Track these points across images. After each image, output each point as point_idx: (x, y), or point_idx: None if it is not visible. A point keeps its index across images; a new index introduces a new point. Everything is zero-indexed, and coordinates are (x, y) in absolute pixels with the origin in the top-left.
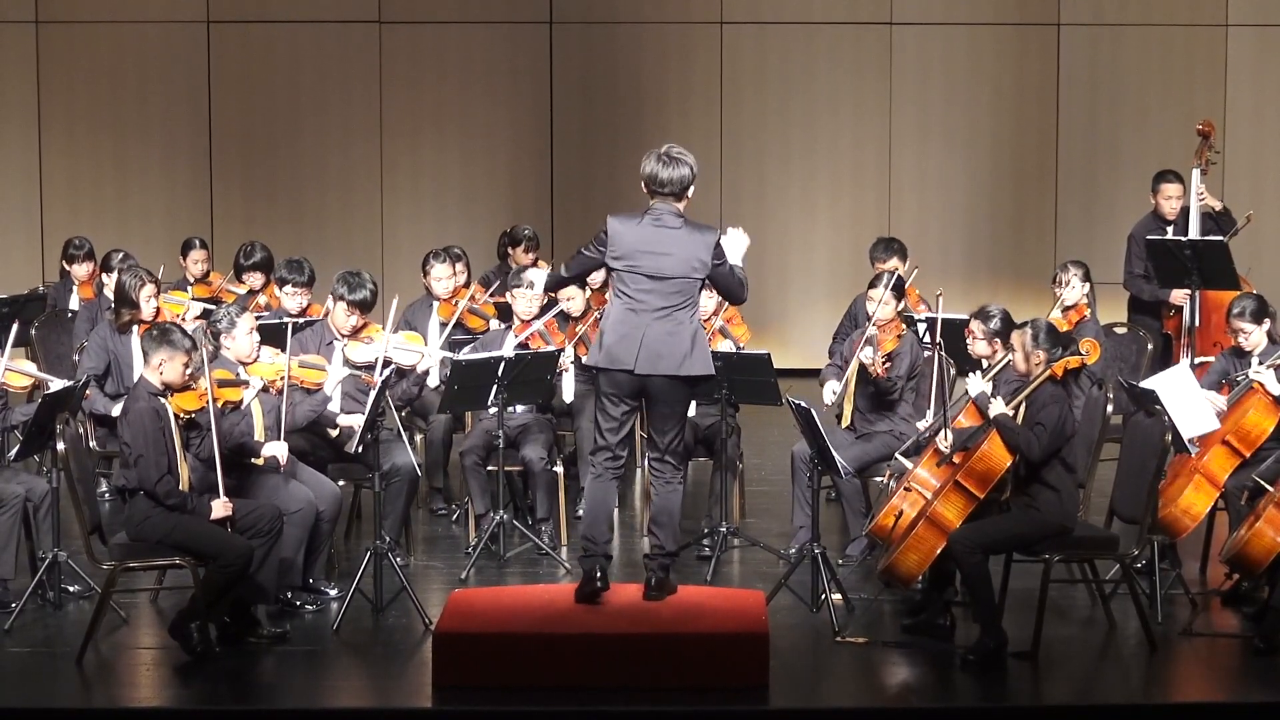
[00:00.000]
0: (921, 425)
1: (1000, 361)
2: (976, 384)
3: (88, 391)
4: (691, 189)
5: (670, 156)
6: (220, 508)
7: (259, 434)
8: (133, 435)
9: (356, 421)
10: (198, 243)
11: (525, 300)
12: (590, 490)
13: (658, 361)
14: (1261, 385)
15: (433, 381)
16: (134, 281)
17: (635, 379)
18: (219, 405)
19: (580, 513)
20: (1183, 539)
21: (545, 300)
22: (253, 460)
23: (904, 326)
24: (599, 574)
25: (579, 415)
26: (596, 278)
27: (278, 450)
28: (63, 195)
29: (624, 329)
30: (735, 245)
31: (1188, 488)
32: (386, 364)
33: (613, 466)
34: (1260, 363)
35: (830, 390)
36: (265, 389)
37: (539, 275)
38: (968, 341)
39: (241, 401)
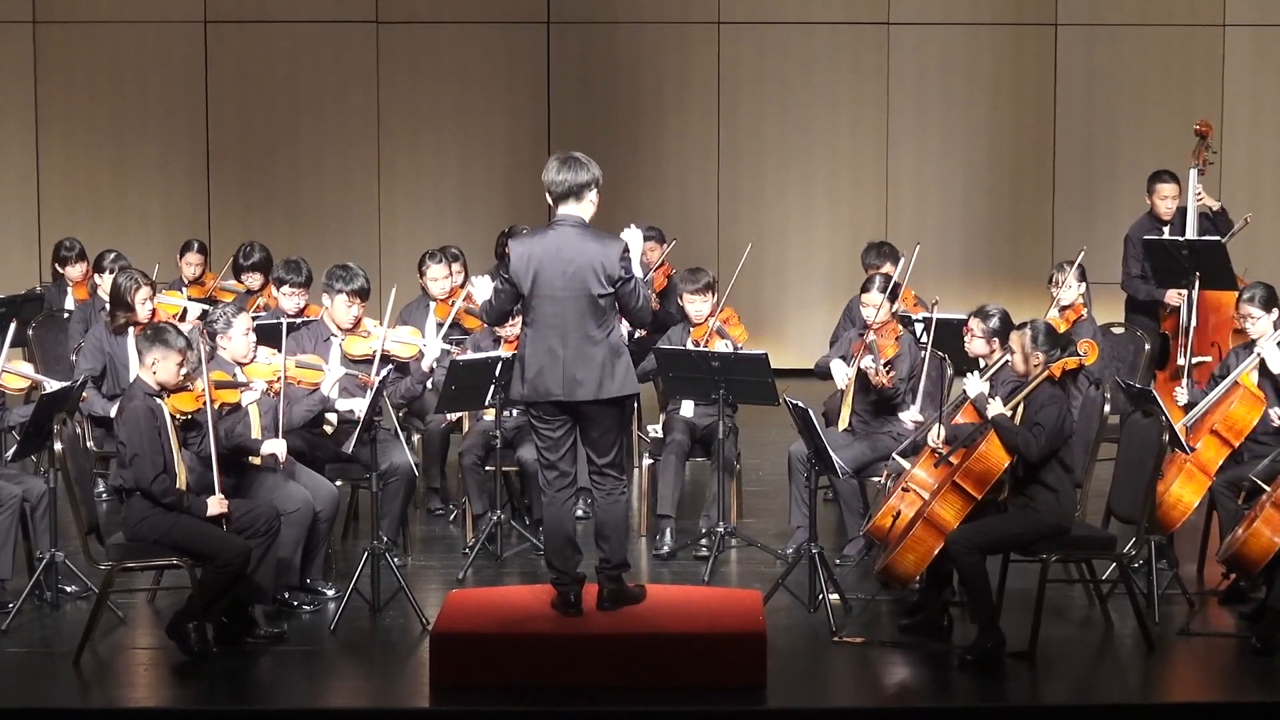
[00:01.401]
0: (906, 417)
1: (998, 362)
2: (975, 384)
3: (85, 393)
4: (592, 193)
5: (569, 159)
6: (216, 504)
7: (256, 434)
8: (128, 434)
9: (356, 405)
10: (196, 245)
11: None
12: (546, 518)
13: (576, 388)
14: (1245, 379)
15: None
16: (129, 284)
17: (561, 403)
18: (216, 406)
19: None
20: (1178, 534)
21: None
22: (251, 460)
23: (901, 328)
24: (573, 599)
25: (521, 445)
26: None
27: (277, 448)
28: (60, 195)
29: (541, 358)
30: (632, 241)
31: (1178, 479)
32: (385, 359)
33: (564, 485)
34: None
35: (841, 373)
36: (266, 392)
37: (484, 285)
38: (965, 339)
39: (240, 403)
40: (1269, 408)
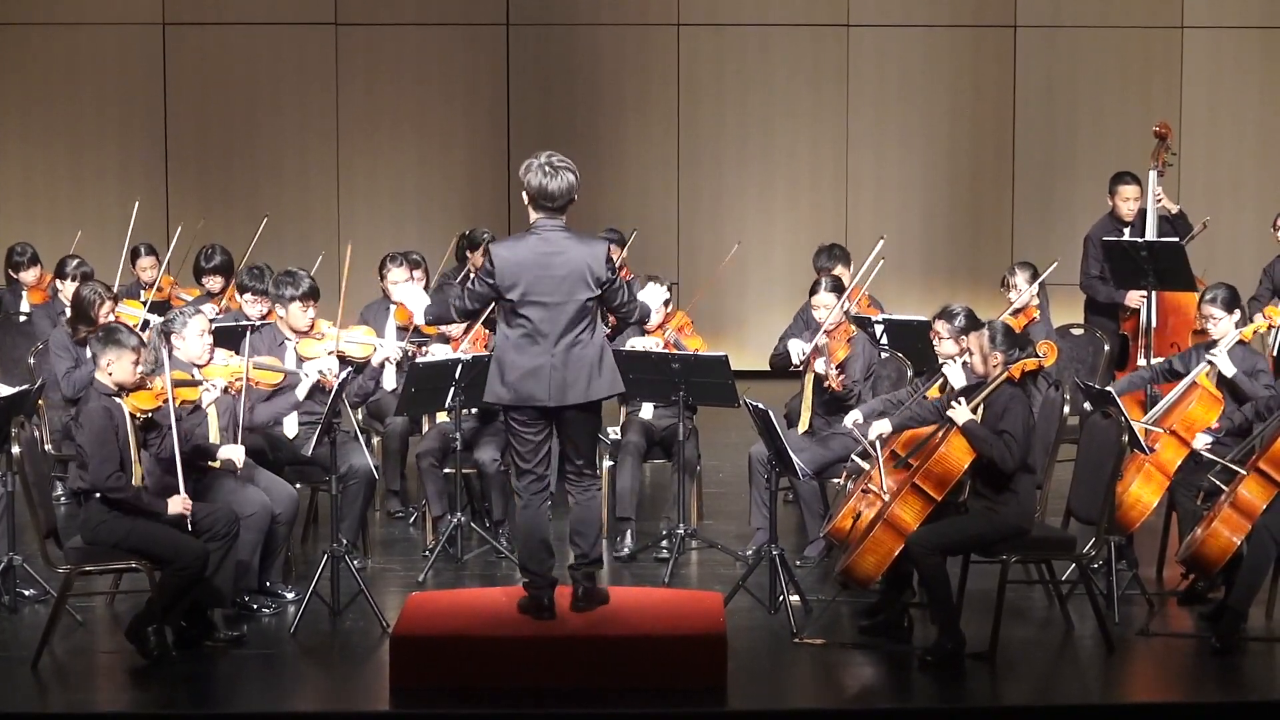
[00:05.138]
0: (848, 420)
1: (994, 382)
2: (963, 414)
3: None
4: (575, 196)
5: (554, 166)
6: (178, 504)
7: (214, 436)
8: (86, 436)
9: (236, 454)
10: (143, 249)
11: None
12: (521, 521)
13: (566, 392)
14: (1203, 379)
15: (389, 384)
16: (93, 298)
17: (545, 408)
18: (177, 405)
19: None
20: (1138, 535)
21: None
22: (209, 463)
23: (854, 329)
24: (546, 602)
25: (478, 447)
26: None
27: (234, 454)
28: (18, 198)
29: (527, 362)
30: (652, 299)
31: (1137, 479)
32: (342, 361)
33: (540, 489)
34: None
35: (797, 349)
36: (225, 390)
37: (411, 294)
38: (933, 342)
39: (199, 401)
40: (1206, 430)
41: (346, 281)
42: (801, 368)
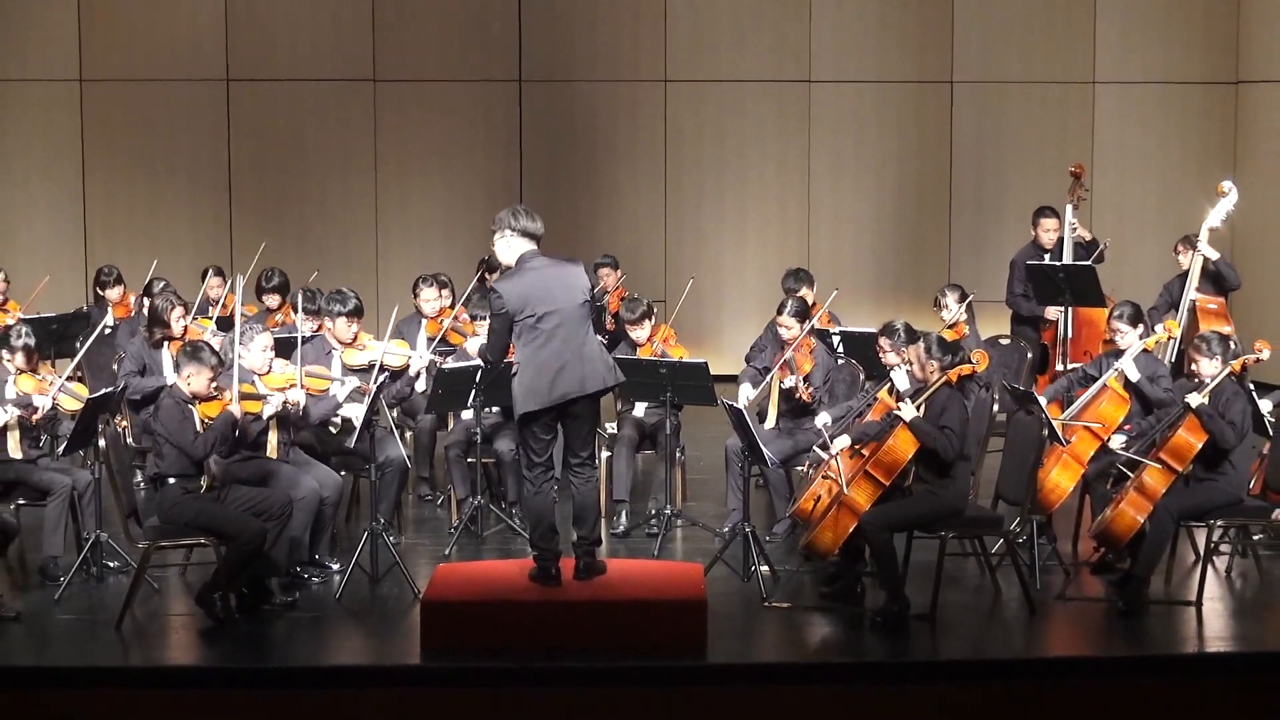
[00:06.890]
0: (819, 420)
1: (934, 385)
2: (910, 411)
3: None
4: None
5: (530, 211)
6: (235, 409)
7: (271, 440)
8: (165, 426)
9: (355, 411)
10: (214, 269)
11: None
12: (530, 505)
13: (587, 383)
14: (1113, 382)
15: (421, 386)
16: (165, 305)
17: (560, 405)
18: (241, 415)
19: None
20: (1056, 514)
21: None
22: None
23: (814, 341)
24: (554, 572)
25: (496, 439)
26: None
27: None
28: (102, 229)
29: (556, 364)
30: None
31: (1056, 467)
32: (381, 370)
33: (549, 478)
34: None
35: (745, 395)
36: (285, 404)
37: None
38: (879, 354)
39: (262, 413)
40: (1115, 431)
41: (397, 312)
42: (765, 369)
